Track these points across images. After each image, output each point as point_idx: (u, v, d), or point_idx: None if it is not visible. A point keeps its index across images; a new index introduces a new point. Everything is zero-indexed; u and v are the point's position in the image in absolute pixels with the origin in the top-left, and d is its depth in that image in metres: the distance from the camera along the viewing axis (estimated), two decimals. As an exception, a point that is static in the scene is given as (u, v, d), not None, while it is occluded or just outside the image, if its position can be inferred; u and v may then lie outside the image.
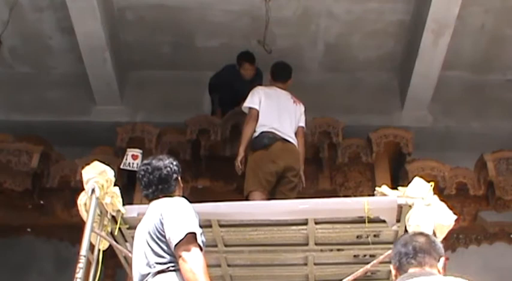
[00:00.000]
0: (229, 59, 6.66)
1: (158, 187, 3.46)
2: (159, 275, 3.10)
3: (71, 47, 7.07)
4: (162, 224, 3.17)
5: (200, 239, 3.14)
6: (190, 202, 4.47)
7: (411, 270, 2.51)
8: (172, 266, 3.10)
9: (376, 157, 6.11)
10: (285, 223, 4.18)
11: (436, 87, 6.95)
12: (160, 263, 3.12)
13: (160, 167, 3.49)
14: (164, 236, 3.14)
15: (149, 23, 7.02)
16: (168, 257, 3.12)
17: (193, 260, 3.00)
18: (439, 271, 2.53)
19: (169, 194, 3.46)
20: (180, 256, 3.04)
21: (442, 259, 2.58)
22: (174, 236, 3.07)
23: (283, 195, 5.42)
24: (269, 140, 5.54)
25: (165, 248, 3.13)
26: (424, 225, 3.79)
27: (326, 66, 7.47)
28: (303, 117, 5.85)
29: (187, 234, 3.06)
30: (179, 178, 3.55)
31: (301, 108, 5.87)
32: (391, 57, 7.30)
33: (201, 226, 3.30)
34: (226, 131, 6.20)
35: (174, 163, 3.55)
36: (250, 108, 5.71)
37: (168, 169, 3.51)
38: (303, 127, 5.81)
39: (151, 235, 3.20)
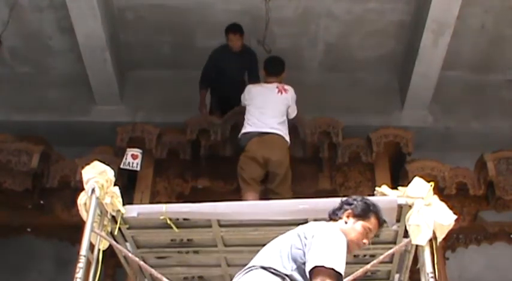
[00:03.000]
0: (229, 59, 6.66)
1: (335, 208, 3.38)
2: (258, 270, 2.98)
3: (71, 47, 7.07)
4: (309, 236, 2.99)
5: None
6: (190, 202, 4.50)
7: None
8: (275, 270, 2.93)
9: (376, 157, 6.11)
10: (285, 223, 4.17)
11: (436, 87, 6.95)
12: (270, 262, 2.97)
13: (351, 197, 3.42)
14: (298, 247, 2.97)
15: (149, 23, 7.02)
16: (282, 263, 2.94)
17: None
18: None
19: (333, 219, 3.33)
20: None
21: None
22: (319, 259, 2.85)
23: (274, 194, 5.48)
24: (244, 140, 5.71)
25: (289, 254, 2.97)
26: (424, 225, 3.79)
27: (326, 66, 7.47)
28: (292, 100, 5.94)
29: (332, 269, 2.84)
30: (348, 212, 3.28)
31: (286, 94, 5.93)
32: (391, 57, 7.30)
33: None
34: (226, 131, 6.19)
35: (360, 201, 3.34)
36: None
37: (351, 199, 3.37)
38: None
39: (289, 240, 3.05)
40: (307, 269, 2.88)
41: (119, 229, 4.20)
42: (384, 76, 7.48)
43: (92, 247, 3.91)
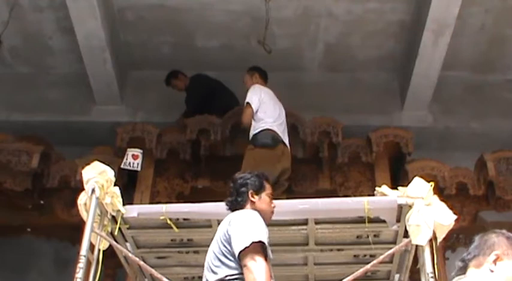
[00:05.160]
0: (229, 59, 6.66)
1: (232, 198, 3.48)
2: None
3: (71, 47, 7.07)
4: (228, 233, 3.14)
5: (268, 250, 3.10)
6: (190, 202, 4.50)
7: None
8: (231, 276, 3.06)
9: (376, 157, 6.11)
10: (285, 223, 4.18)
11: (436, 87, 6.95)
12: (220, 271, 3.10)
13: (236, 179, 3.52)
14: (229, 245, 3.11)
15: (149, 23, 7.02)
16: (230, 264, 3.08)
17: (259, 270, 2.95)
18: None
19: (239, 207, 3.42)
20: (244, 265, 2.99)
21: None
22: (239, 243, 3.03)
23: None
24: (273, 141, 5.54)
25: (228, 254, 3.10)
26: (424, 225, 3.79)
27: (326, 66, 7.47)
28: None
29: (253, 243, 3.01)
30: (250, 193, 3.44)
31: None
32: (391, 57, 7.30)
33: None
34: (226, 131, 6.19)
35: (251, 177, 3.49)
36: (248, 103, 5.71)
37: (241, 181, 3.49)
38: None
39: (217, 243, 3.20)
40: (237, 257, 3.05)
41: (119, 229, 4.20)
42: (384, 76, 7.48)
43: (92, 247, 3.91)
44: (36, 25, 7.07)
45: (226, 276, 3.07)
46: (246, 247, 3.00)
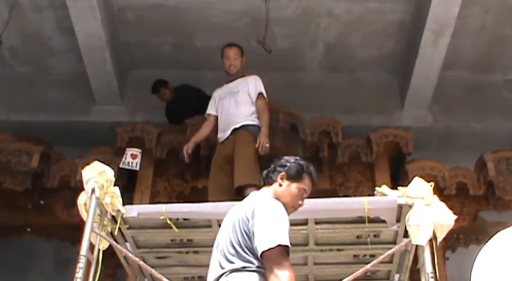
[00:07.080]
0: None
1: (268, 172, 3.35)
2: (233, 274, 2.95)
3: (71, 47, 7.08)
4: (251, 227, 2.98)
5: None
6: (190, 202, 4.50)
7: None
8: (249, 267, 2.94)
9: (376, 157, 6.10)
10: (284, 223, 4.17)
11: (436, 87, 6.96)
12: (237, 261, 2.97)
13: (282, 158, 3.40)
14: (249, 239, 2.96)
15: (149, 23, 7.02)
16: (246, 257, 2.95)
17: (286, 277, 2.83)
18: None
19: (267, 183, 3.30)
20: (270, 268, 2.86)
21: None
22: (264, 243, 2.88)
23: None
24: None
25: (245, 246, 2.97)
26: (424, 225, 3.79)
27: (326, 66, 7.48)
28: None
29: (279, 245, 2.87)
30: (281, 175, 3.27)
31: None
32: (391, 57, 7.30)
33: None
34: (226, 131, 6.18)
35: (293, 162, 3.34)
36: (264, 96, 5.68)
37: (284, 161, 3.35)
38: None
39: (236, 230, 3.03)
40: (259, 256, 2.91)
41: (119, 229, 4.20)
42: (384, 76, 7.49)
43: (92, 247, 3.91)
44: (36, 25, 7.07)
45: (243, 267, 2.95)
46: (270, 248, 2.87)
